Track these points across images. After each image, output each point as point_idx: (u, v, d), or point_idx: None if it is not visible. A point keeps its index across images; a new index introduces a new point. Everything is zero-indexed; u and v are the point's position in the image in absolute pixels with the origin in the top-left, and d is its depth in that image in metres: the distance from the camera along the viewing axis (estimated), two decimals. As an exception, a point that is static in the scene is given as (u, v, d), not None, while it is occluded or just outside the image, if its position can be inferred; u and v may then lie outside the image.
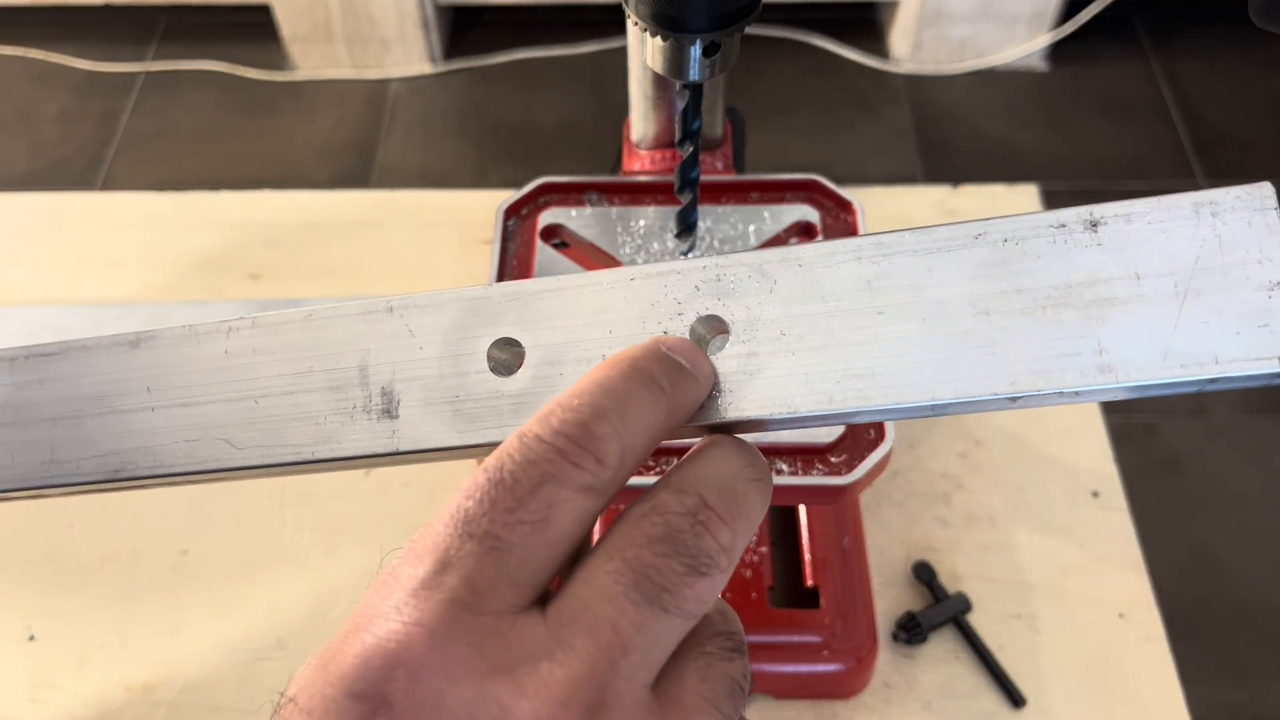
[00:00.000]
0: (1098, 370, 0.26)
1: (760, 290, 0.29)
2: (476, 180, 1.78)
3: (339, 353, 0.30)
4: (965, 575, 0.62)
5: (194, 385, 0.31)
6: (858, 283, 0.28)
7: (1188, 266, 0.26)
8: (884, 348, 0.27)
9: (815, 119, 1.89)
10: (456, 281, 0.75)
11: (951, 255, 0.28)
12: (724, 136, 0.63)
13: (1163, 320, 0.26)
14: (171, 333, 0.31)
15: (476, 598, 0.22)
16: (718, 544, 0.24)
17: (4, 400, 0.32)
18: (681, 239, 0.54)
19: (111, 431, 0.31)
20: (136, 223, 0.81)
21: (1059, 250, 0.27)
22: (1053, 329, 0.27)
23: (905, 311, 0.28)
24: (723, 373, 0.28)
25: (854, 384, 0.27)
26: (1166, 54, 1.97)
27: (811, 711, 0.57)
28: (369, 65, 1.94)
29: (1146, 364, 0.26)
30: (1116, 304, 0.27)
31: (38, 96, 1.93)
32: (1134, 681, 0.59)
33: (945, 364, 0.27)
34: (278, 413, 0.30)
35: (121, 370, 0.31)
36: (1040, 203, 0.80)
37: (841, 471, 0.46)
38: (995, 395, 0.27)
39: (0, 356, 0.32)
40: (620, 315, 0.29)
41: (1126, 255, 0.27)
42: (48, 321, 0.72)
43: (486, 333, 0.30)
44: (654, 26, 0.43)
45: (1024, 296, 0.27)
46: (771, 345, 0.28)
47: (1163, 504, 1.41)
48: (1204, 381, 0.26)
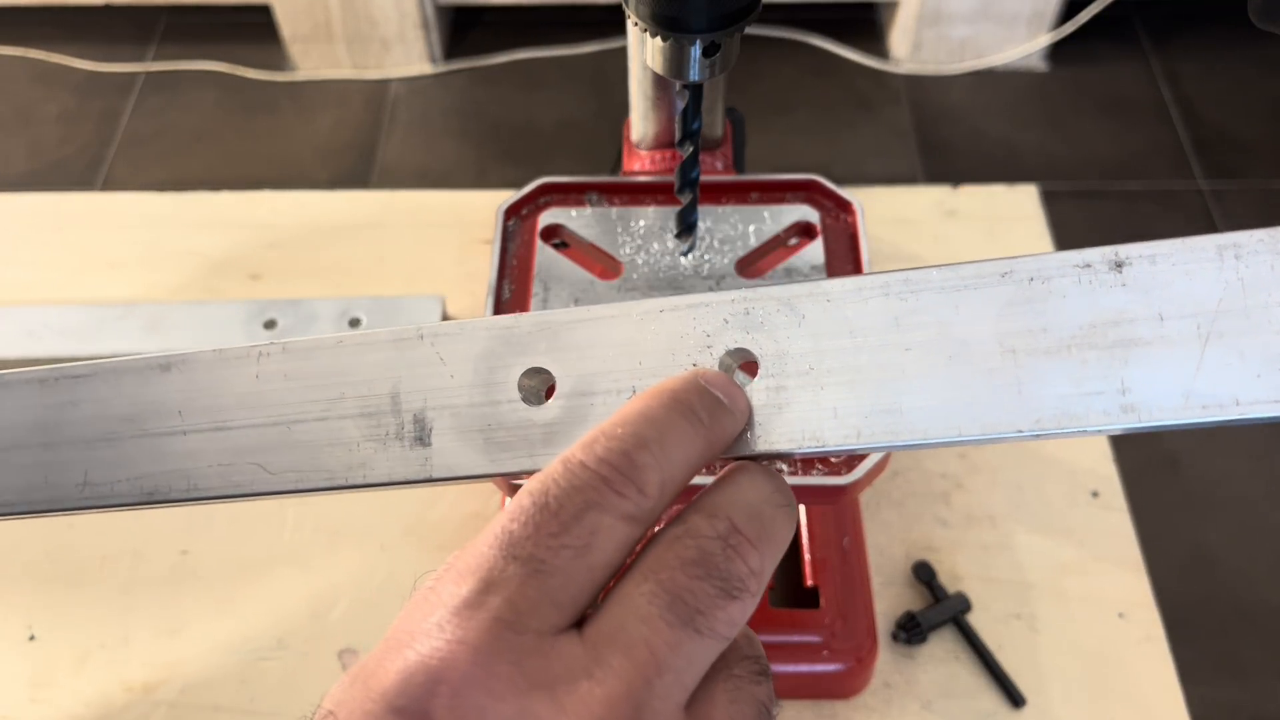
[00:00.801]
0: (1121, 410, 0.27)
1: (788, 324, 0.29)
2: (476, 180, 1.78)
3: (371, 379, 0.31)
4: (965, 575, 0.62)
5: (226, 409, 0.31)
6: (885, 319, 0.29)
7: (1210, 309, 0.27)
8: (911, 384, 0.28)
9: (815, 119, 1.89)
10: (457, 282, 0.75)
11: (978, 293, 0.28)
12: (724, 137, 0.63)
13: (1185, 362, 0.27)
14: (202, 356, 0.32)
15: (519, 618, 0.23)
16: (748, 568, 0.25)
17: (36, 421, 0.32)
18: (681, 239, 0.54)
19: (145, 454, 0.31)
20: (137, 223, 0.81)
21: (1084, 290, 0.28)
22: (1077, 368, 0.27)
23: (932, 349, 0.28)
24: (754, 408, 0.29)
25: (882, 419, 0.28)
26: (1166, 54, 1.97)
27: (811, 711, 0.57)
28: (369, 65, 1.94)
29: (1169, 405, 0.27)
30: (1140, 345, 0.27)
31: (38, 97, 1.93)
32: (1133, 681, 0.59)
33: (971, 401, 0.27)
34: (311, 438, 0.31)
35: (152, 393, 0.32)
36: (1040, 203, 0.80)
37: (841, 471, 0.46)
38: (1020, 433, 0.27)
39: (30, 377, 0.32)
40: (650, 347, 0.30)
41: (1150, 296, 0.27)
42: (48, 321, 0.72)
43: (517, 362, 0.30)
44: (654, 27, 0.43)
45: (1049, 336, 0.27)
46: (800, 379, 0.29)
47: (1162, 504, 1.41)
48: (1223, 421, 0.27)
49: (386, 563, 0.63)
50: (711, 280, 0.53)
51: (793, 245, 0.56)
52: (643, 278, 0.54)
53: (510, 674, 0.22)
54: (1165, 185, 1.79)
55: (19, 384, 0.32)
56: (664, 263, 0.54)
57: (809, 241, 0.55)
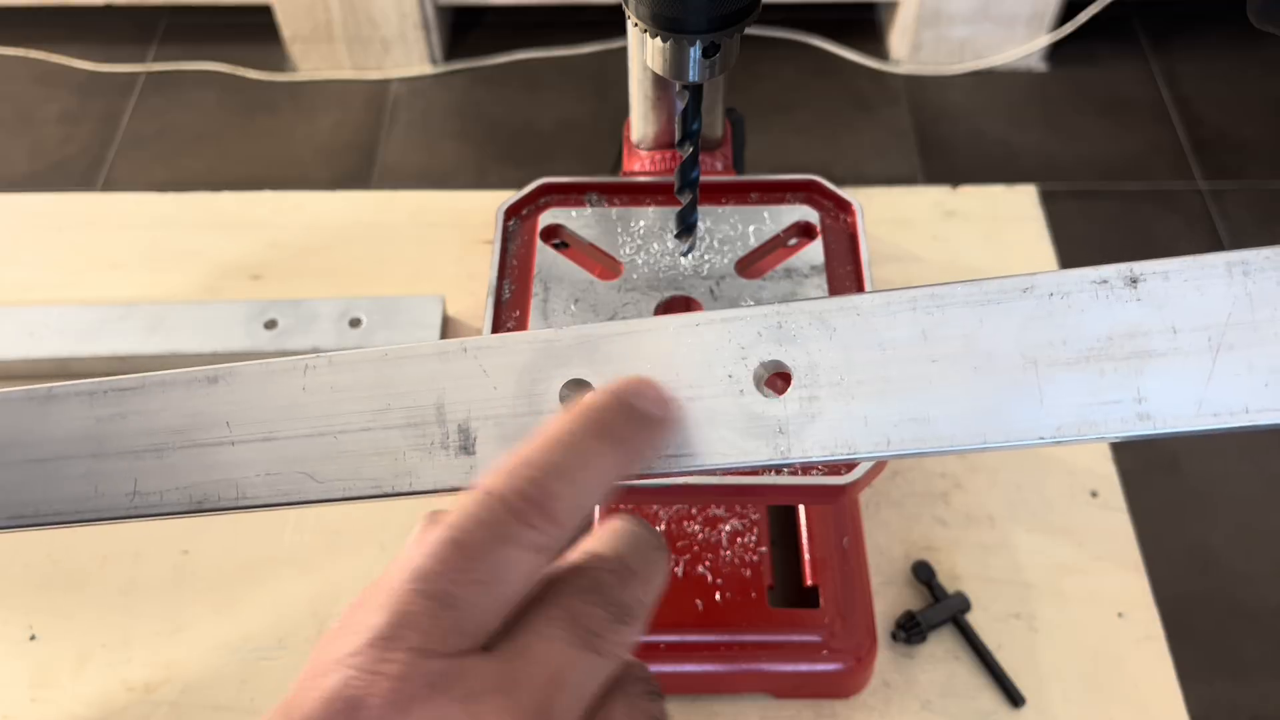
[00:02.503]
0: (1137, 418, 0.28)
1: (820, 337, 0.31)
2: (477, 181, 1.78)
3: (415, 391, 0.32)
4: (964, 575, 0.62)
5: (273, 420, 0.32)
6: (913, 332, 0.30)
7: (1221, 321, 0.28)
8: (938, 394, 0.29)
9: (815, 120, 1.89)
10: (457, 282, 0.76)
11: (1001, 307, 0.30)
12: (724, 137, 0.63)
13: (1198, 372, 0.28)
14: (249, 369, 0.33)
15: (430, 646, 0.24)
16: (636, 598, 0.27)
17: (86, 432, 0.32)
18: (681, 239, 0.54)
19: (194, 464, 0.32)
20: (138, 223, 0.81)
21: (1101, 304, 0.29)
22: (1096, 379, 0.29)
23: (958, 360, 0.30)
24: (785, 415, 0.30)
25: (910, 428, 0.29)
26: (1165, 55, 1.97)
27: (811, 710, 0.57)
28: (369, 66, 1.94)
29: (1182, 413, 0.28)
30: (1155, 356, 0.29)
31: (39, 97, 1.93)
32: (1133, 681, 0.59)
33: (995, 410, 0.29)
34: (357, 448, 0.32)
35: (200, 405, 0.32)
36: (1039, 203, 0.80)
37: (841, 471, 0.46)
38: (1042, 440, 0.29)
39: (80, 390, 0.33)
40: (686, 359, 0.31)
41: (1164, 310, 0.29)
42: (49, 322, 0.72)
43: (557, 374, 0.32)
44: (654, 27, 0.43)
45: (1069, 348, 0.29)
46: (831, 390, 0.30)
47: (1161, 504, 1.41)
48: (1234, 428, 0.28)
49: (386, 562, 0.63)
50: (712, 280, 0.54)
51: (792, 245, 0.56)
52: (643, 278, 0.54)
53: (426, 694, 0.24)
54: (1164, 185, 1.79)
55: (69, 396, 0.33)
56: (664, 263, 0.54)
57: (809, 242, 0.55)
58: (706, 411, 0.31)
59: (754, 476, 0.46)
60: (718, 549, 0.57)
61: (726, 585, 0.56)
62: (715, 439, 0.31)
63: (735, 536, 0.58)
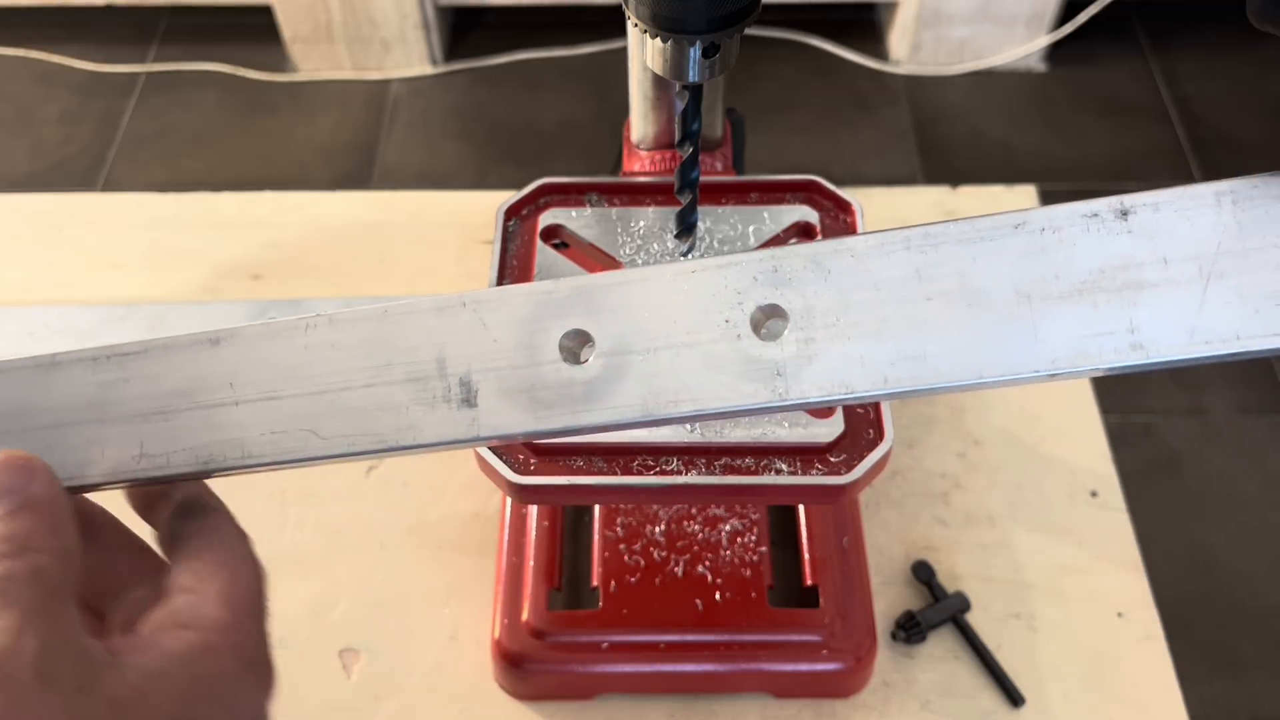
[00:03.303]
0: (1130, 349, 0.29)
1: (815, 280, 0.31)
2: (477, 181, 1.78)
3: (416, 346, 0.32)
4: (964, 575, 0.62)
5: (276, 380, 0.32)
6: (907, 271, 0.30)
7: (1211, 251, 0.29)
8: (934, 332, 0.30)
9: (814, 120, 1.89)
10: (457, 282, 0.76)
11: (994, 244, 0.30)
12: (723, 137, 0.63)
13: (1189, 301, 0.29)
14: (250, 330, 0.33)
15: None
16: None
17: (90, 399, 0.32)
18: (681, 239, 0.54)
19: (199, 425, 0.32)
20: (138, 223, 0.81)
21: (1093, 238, 0.30)
22: (1089, 311, 0.29)
23: (952, 297, 0.30)
24: (783, 358, 0.31)
25: (907, 366, 0.30)
26: (1165, 55, 1.97)
27: (811, 710, 0.57)
28: (370, 66, 1.94)
29: (1175, 342, 0.29)
30: (1147, 287, 0.29)
31: (39, 97, 1.94)
32: (1132, 680, 0.59)
33: (991, 345, 0.29)
34: (360, 404, 0.32)
35: (203, 367, 0.32)
36: (1039, 203, 0.80)
37: (841, 471, 0.46)
38: (1037, 373, 0.29)
39: (82, 356, 0.33)
40: (684, 306, 0.31)
41: (1155, 241, 0.29)
42: (50, 322, 0.72)
43: (557, 325, 0.32)
44: (654, 28, 0.43)
45: (1061, 282, 0.29)
46: (828, 331, 0.30)
47: (1161, 504, 1.41)
48: (1226, 355, 0.29)
49: (386, 562, 0.63)
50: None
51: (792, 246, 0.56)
52: (643, 278, 0.54)
53: None
54: (1164, 186, 1.78)
55: (71, 364, 0.33)
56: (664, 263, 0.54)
57: (808, 242, 0.55)
58: (705, 356, 0.31)
59: (754, 476, 0.46)
60: (718, 549, 0.57)
61: (726, 585, 0.56)
62: (714, 383, 0.31)
63: (735, 536, 0.58)
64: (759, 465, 0.47)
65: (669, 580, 0.56)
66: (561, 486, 0.47)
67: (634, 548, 0.57)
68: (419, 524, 0.65)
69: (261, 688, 0.32)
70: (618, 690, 0.58)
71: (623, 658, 0.55)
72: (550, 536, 0.59)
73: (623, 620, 0.55)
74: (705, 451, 0.47)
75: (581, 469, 0.47)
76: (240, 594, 0.32)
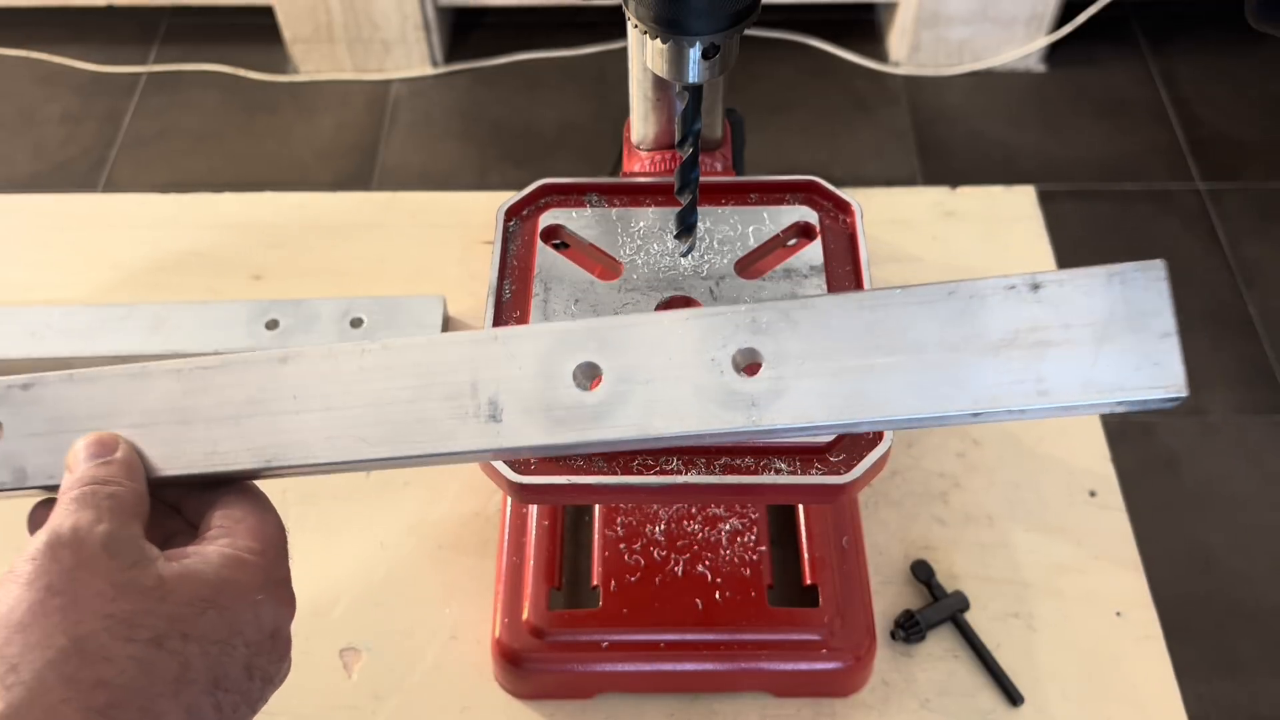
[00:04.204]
0: (1037, 394, 0.36)
1: (787, 329, 0.38)
2: (478, 181, 1.78)
3: (454, 370, 0.38)
4: (963, 574, 0.62)
5: (333, 394, 0.38)
6: (860, 326, 0.37)
7: (1103, 319, 0.36)
8: (879, 376, 0.36)
9: (814, 120, 1.89)
10: (458, 282, 0.76)
11: (930, 307, 0.37)
12: (723, 138, 0.63)
13: (1085, 359, 0.35)
14: (314, 351, 0.39)
15: None
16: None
17: (174, 405, 0.39)
18: (681, 239, 0.54)
19: (264, 429, 0.38)
20: (139, 224, 0.81)
21: (1010, 305, 0.37)
22: (1005, 364, 0.36)
23: (896, 349, 0.37)
24: (756, 392, 0.37)
25: (856, 402, 0.36)
26: (1164, 56, 1.98)
27: (810, 709, 0.58)
28: (370, 67, 1.95)
29: (1073, 391, 0.35)
30: (1052, 346, 0.36)
31: (41, 98, 1.94)
32: (1131, 680, 0.59)
33: (924, 388, 0.36)
34: (404, 417, 0.38)
35: (271, 381, 0.39)
36: (1038, 204, 0.80)
37: (840, 471, 0.47)
38: (962, 412, 0.36)
39: (169, 369, 0.39)
40: (678, 346, 0.38)
41: (1060, 310, 0.36)
42: (51, 322, 0.72)
43: (571, 357, 0.39)
44: (654, 29, 0.44)
45: (983, 340, 0.36)
46: (795, 371, 0.37)
47: (1159, 503, 1.41)
48: (1114, 404, 0.35)
49: (387, 561, 0.64)
50: (711, 281, 0.54)
51: (792, 246, 0.56)
52: (643, 278, 0.54)
53: None
54: (1162, 186, 1.79)
55: (159, 375, 0.39)
56: (664, 263, 0.55)
57: (808, 242, 0.55)
58: (694, 388, 0.38)
59: (754, 476, 0.47)
60: (717, 548, 0.58)
61: (726, 584, 0.57)
62: (700, 410, 0.37)
63: (735, 536, 0.58)
64: (758, 465, 0.47)
65: (669, 579, 0.57)
66: (562, 486, 0.47)
67: (634, 547, 0.58)
68: (419, 524, 0.65)
69: (283, 605, 0.39)
70: (618, 689, 0.58)
71: (623, 657, 0.55)
72: (550, 536, 0.59)
73: (623, 619, 0.56)
74: (705, 451, 0.47)
75: (581, 469, 0.47)
76: (267, 532, 0.39)
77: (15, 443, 0.39)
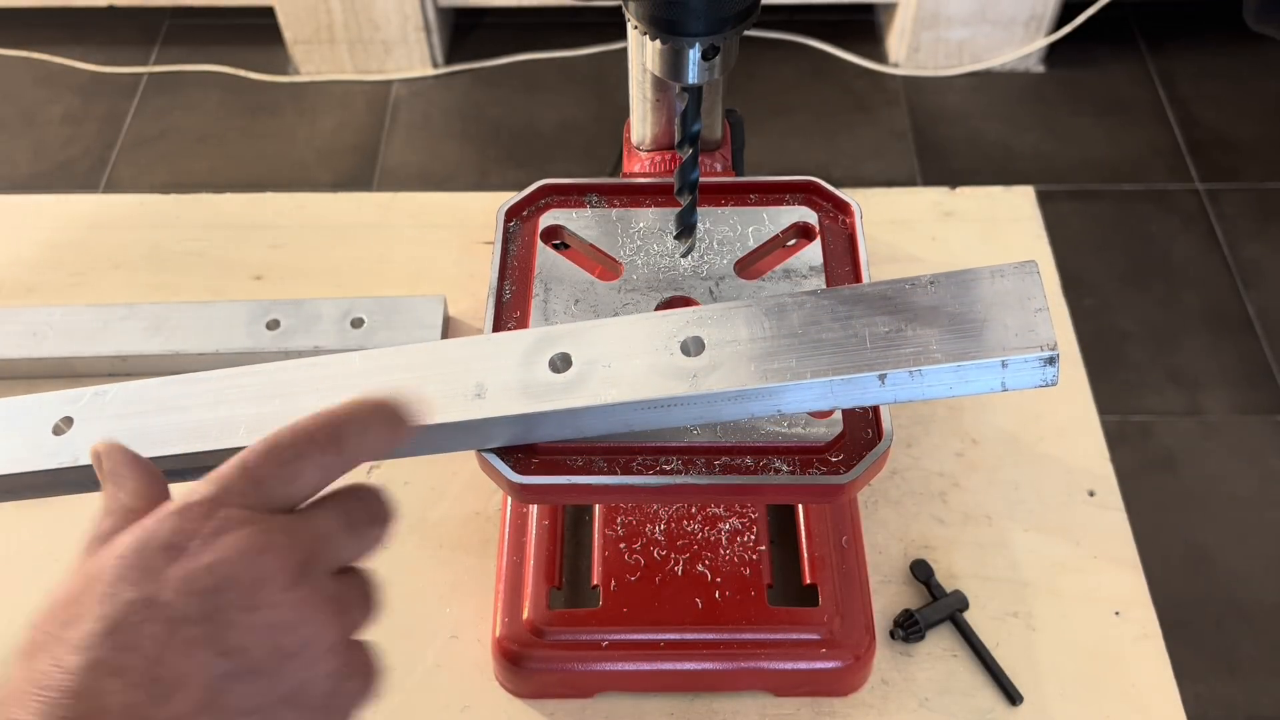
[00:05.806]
0: (935, 358, 0.42)
1: (727, 322, 0.45)
2: (478, 182, 1.79)
3: (451, 364, 0.46)
4: (962, 574, 0.63)
5: (350, 387, 0.45)
6: (787, 319, 0.45)
7: (988, 302, 0.43)
8: (802, 352, 0.44)
9: (813, 121, 1.89)
10: (458, 282, 0.76)
11: (844, 304, 0.44)
12: (723, 138, 0.63)
13: (973, 331, 0.42)
14: (339, 355, 0.47)
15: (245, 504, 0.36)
16: (384, 511, 0.41)
17: (214, 398, 0.46)
18: (681, 240, 0.55)
19: (289, 415, 0.41)
20: (140, 224, 0.81)
21: (911, 296, 0.44)
22: (907, 337, 0.43)
23: (817, 334, 0.44)
24: (698, 367, 0.44)
25: (781, 373, 0.43)
26: (1163, 56, 1.98)
27: (810, 708, 0.58)
28: (371, 68, 1.95)
29: (964, 354, 0.42)
30: (946, 324, 0.43)
31: (42, 98, 1.94)
32: (1130, 679, 0.59)
33: (839, 359, 0.43)
34: (410, 399, 0.43)
35: (297, 377, 0.46)
36: (1037, 204, 0.81)
37: (839, 471, 0.47)
38: (870, 373, 0.42)
39: (214, 376, 0.46)
40: (638, 338, 0.46)
41: (956, 298, 0.44)
42: (52, 322, 0.72)
43: (549, 350, 0.46)
44: (653, 30, 0.44)
45: (889, 321, 0.44)
46: (731, 352, 0.44)
47: (1158, 503, 1.42)
48: (998, 365, 0.41)
49: (387, 561, 0.64)
50: (711, 281, 0.54)
51: (791, 246, 0.57)
52: (643, 279, 0.54)
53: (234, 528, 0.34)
54: (1161, 186, 1.79)
55: (213, 379, 0.46)
56: (664, 264, 0.55)
57: (807, 243, 0.55)
58: (648, 366, 0.45)
59: (753, 476, 0.47)
60: (717, 548, 0.58)
61: (726, 584, 0.57)
62: (652, 380, 0.44)
63: (735, 535, 0.58)
64: (758, 465, 0.47)
65: (669, 579, 0.57)
66: (562, 486, 0.47)
67: (634, 547, 0.58)
68: (420, 523, 0.65)
69: None
70: (618, 688, 0.58)
71: (623, 656, 0.55)
72: (551, 535, 0.59)
73: (623, 619, 0.56)
74: (705, 451, 0.48)
75: (581, 469, 0.47)
76: None
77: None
